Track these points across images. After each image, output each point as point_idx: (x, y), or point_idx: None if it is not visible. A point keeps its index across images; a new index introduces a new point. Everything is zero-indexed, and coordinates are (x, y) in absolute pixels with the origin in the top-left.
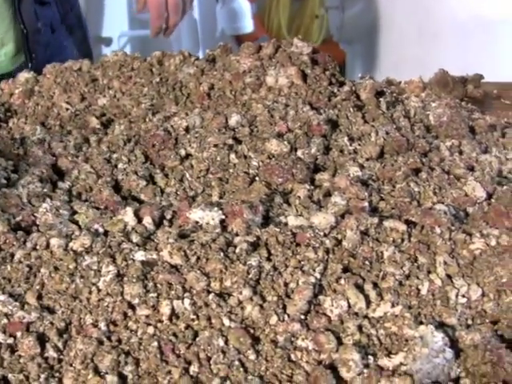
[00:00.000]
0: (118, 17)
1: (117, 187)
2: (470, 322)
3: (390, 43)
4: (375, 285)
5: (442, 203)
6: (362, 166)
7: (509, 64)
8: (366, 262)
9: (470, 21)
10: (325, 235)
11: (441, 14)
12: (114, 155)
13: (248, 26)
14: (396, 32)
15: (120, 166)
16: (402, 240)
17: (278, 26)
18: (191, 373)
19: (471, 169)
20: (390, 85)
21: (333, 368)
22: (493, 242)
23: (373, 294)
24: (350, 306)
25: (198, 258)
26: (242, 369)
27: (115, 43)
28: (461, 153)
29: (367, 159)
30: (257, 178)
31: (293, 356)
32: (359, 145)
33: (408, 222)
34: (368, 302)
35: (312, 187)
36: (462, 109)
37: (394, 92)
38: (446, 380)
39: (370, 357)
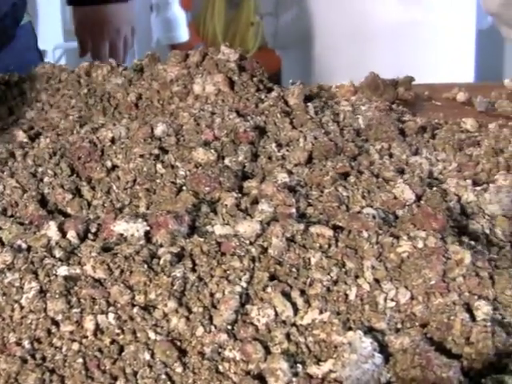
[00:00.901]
0: (52, 29)
1: (43, 201)
2: (399, 325)
3: (325, 48)
4: (302, 292)
5: (371, 207)
6: (290, 172)
7: (440, 65)
8: (293, 269)
9: (403, 24)
10: (250, 243)
11: (375, 18)
12: (40, 169)
13: (183, 34)
14: (330, 37)
15: (46, 179)
16: (329, 245)
17: (213, 34)
18: None
19: (401, 171)
20: (321, 89)
21: (261, 378)
22: (420, 245)
23: (300, 302)
24: (277, 315)
25: (122, 271)
26: (169, 382)
27: (50, 55)
28: (391, 155)
29: (295, 165)
30: (184, 188)
31: (220, 367)
32: (287, 151)
33: (336, 227)
34: (295, 310)
35: (240, 195)
36: (392, 111)
37: (323, 97)
38: None
39: (298, 365)
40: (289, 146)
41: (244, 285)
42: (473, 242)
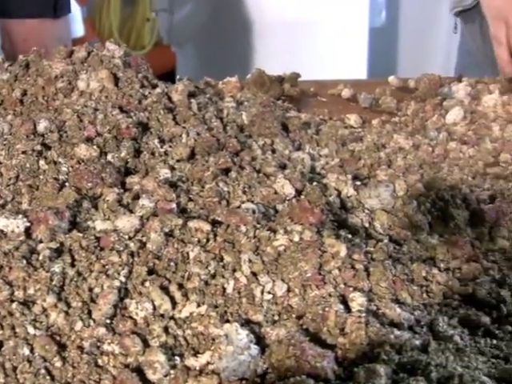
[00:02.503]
0: None
1: None
2: (276, 317)
3: (220, 44)
4: (181, 286)
5: (252, 202)
6: (172, 168)
7: (333, 63)
8: (172, 264)
9: (297, 21)
10: (129, 238)
11: (270, 14)
12: None
13: (78, 29)
14: (225, 33)
15: None
16: (208, 240)
17: (109, 29)
18: None
19: (283, 167)
20: (208, 86)
21: (140, 371)
22: (296, 238)
23: (178, 295)
24: (155, 308)
25: (1, 267)
26: (48, 377)
27: None
28: (273, 151)
29: (178, 160)
30: (66, 184)
31: (99, 361)
32: (170, 146)
33: (215, 222)
34: (174, 303)
35: (122, 191)
36: (277, 107)
37: (208, 93)
38: (252, 376)
39: (176, 358)
40: (171, 142)
41: (123, 279)
42: (350, 236)
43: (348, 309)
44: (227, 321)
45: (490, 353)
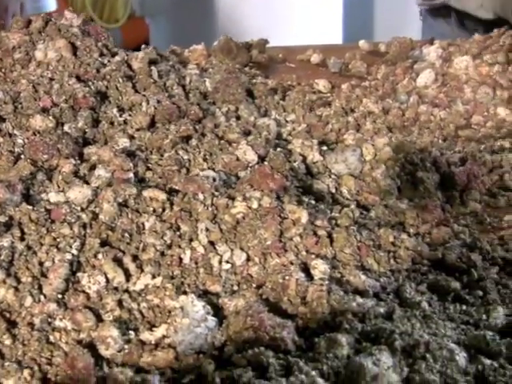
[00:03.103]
0: None
1: None
2: (235, 288)
3: (192, 14)
4: (135, 257)
5: (213, 169)
6: (132, 137)
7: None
8: (126, 235)
9: None
10: (82, 210)
11: None
12: None
13: (50, 4)
14: (197, 3)
15: None
16: (164, 209)
17: (82, 3)
18: None
19: (248, 133)
20: (174, 54)
21: (92, 346)
22: (255, 205)
23: (132, 267)
24: (108, 281)
25: None
26: None
27: None
28: (238, 118)
29: (138, 129)
30: (22, 156)
31: (51, 337)
32: (129, 115)
33: (172, 191)
34: (128, 276)
35: (79, 162)
36: (242, 74)
37: (170, 61)
38: (210, 349)
39: (131, 332)
40: (131, 111)
41: (74, 252)
42: (314, 202)
43: (310, 277)
44: (184, 292)
45: (460, 319)
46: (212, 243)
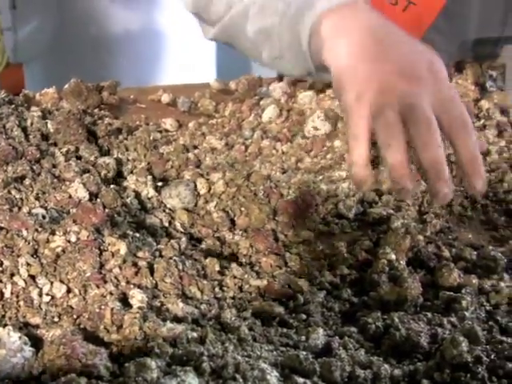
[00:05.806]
0: None
1: None
2: (56, 319)
3: (67, 60)
4: None
5: (45, 208)
6: None
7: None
8: None
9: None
10: None
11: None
12: None
13: None
14: (72, 49)
15: None
16: None
17: None
18: None
19: (87, 172)
20: (27, 98)
21: None
22: (73, 239)
23: None
24: None
25: None
26: None
27: None
28: (79, 158)
29: None
30: None
31: None
32: None
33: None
34: None
35: None
36: (87, 115)
37: (14, 104)
38: (27, 378)
39: None
40: None
41: None
42: (141, 236)
43: (130, 306)
44: (5, 325)
45: (279, 342)
46: (32, 277)
